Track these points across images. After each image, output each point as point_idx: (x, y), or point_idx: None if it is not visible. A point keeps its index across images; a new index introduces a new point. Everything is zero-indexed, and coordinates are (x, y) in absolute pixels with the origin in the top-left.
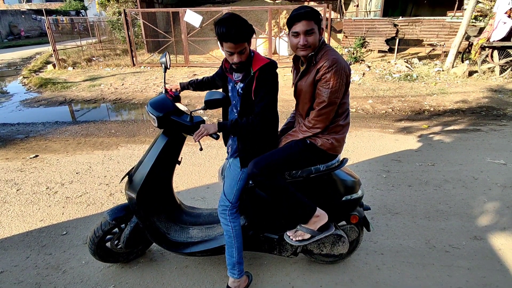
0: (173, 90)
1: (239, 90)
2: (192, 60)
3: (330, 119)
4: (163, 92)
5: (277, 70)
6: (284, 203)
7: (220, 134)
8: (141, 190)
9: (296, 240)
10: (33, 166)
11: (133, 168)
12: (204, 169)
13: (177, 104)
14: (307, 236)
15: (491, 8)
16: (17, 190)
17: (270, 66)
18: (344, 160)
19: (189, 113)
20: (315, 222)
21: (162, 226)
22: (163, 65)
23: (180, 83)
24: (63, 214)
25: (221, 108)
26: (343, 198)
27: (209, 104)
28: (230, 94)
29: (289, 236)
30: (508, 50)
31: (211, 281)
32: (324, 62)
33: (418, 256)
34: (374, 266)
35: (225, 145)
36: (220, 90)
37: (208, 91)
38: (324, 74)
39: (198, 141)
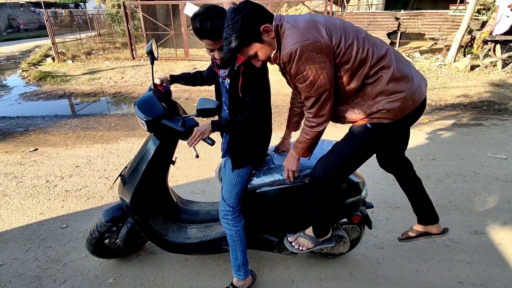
0: (164, 84)
1: (227, 86)
2: (192, 54)
3: (329, 108)
4: (152, 87)
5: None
6: (315, 213)
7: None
8: (134, 195)
9: (298, 248)
10: (33, 160)
11: (125, 168)
12: (204, 163)
13: (168, 101)
14: (311, 245)
15: (494, 1)
16: (17, 184)
17: None
18: None
19: (181, 116)
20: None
21: (159, 228)
22: (150, 56)
23: (170, 75)
24: (63, 207)
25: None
26: (347, 201)
27: (202, 113)
28: (221, 89)
29: (290, 243)
30: (511, 44)
31: (211, 274)
32: (283, 57)
33: (418, 250)
34: (374, 260)
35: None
36: (213, 87)
37: (200, 98)
38: (289, 69)
39: (193, 146)
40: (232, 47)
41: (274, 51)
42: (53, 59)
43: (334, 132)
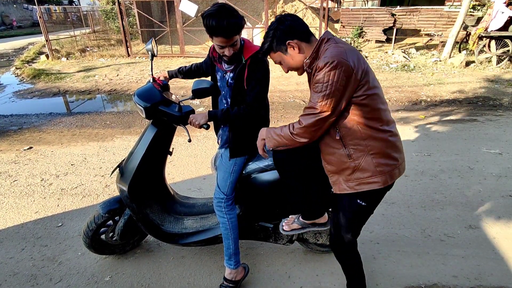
0: (161, 78)
1: (229, 80)
2: (188, 51)
3: (318, 132)
4: (151, 81)
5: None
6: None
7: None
8: (132, 183)
9: (290, 230)
10: (28, 158)
11: (123, 160)
12: (200, 160)
13: (166, 93)
14: (299, 226)
15: None
16: (11, 182)
17: None
18: None
19: (177, 102)
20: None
21: (155, 218)
22: (149, 52)
23: (168, 71)
24: (58, 206)
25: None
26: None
27: (197, 94)
28: (219, 84)
29: (282, 226)
30: (506, 40)
31: (208, 271)
32: (319, 63)
33: (414, 245)
34: (370, 255)
35: (216, 135)
36: (209, 78)
37: (195, 79)
38: (315, 75)
39: (187, 130)
40: (263, 50)
41: (306, 59)
42: (47, 56)
43: None
